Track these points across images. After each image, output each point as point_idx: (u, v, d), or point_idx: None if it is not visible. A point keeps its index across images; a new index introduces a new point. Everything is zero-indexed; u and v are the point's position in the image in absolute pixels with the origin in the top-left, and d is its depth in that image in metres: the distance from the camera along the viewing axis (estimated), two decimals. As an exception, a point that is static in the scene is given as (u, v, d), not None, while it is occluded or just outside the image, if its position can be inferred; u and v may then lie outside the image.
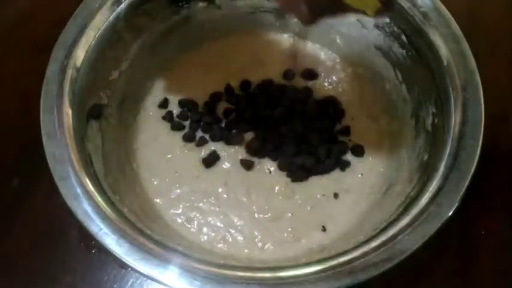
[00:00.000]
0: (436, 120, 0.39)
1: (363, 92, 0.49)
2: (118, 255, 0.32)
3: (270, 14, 0.50)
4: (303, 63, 0.50)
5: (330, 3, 0.35)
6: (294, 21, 0.50)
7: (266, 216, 0.43)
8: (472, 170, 0.35)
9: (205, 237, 0.42)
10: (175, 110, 0.48)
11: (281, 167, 0.45)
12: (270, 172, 0.45)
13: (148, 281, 0.42)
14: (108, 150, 0.41)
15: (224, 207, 0.43)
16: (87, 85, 0.40)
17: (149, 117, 0.48)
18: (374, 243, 0.33)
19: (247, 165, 0.45)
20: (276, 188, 0.44)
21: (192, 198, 0.44)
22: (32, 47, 0.53)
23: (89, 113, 0.40)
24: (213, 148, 0.46)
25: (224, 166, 0.45)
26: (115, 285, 0.42)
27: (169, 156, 0.46)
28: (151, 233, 0.34)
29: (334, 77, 0.50)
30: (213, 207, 0.43)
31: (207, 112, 0.48)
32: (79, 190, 0.34)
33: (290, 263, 0.33)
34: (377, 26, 0.45)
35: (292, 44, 0.52)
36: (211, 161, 0.45)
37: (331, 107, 0.47)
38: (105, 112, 0.42)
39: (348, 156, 0.46)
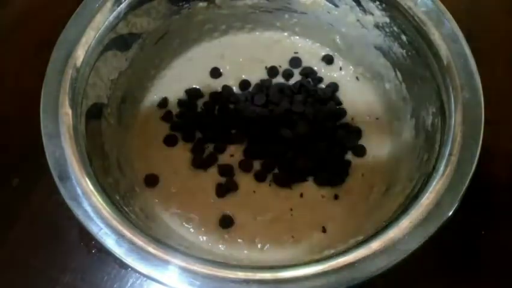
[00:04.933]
0: (436, 120, 0.39)
1: (363, 92, 0.49)
2: (118, 255, 0.32)
3: (270, 14, 0.50)
4: (303, 62, 0.50)
5: None
6: (294, 20, 0.50)
7: (266, 217, 0.43)
8: (472, 170, 0.35)
9: (204, 238, 0.42)
10: (174, 109, 0.48)
11: (281, 168, 0.45)
12: (270, 173, 0.45)
13: (148, 281, 0.42)
14: (108, 150, 0.41)
15: (222, 208, 0.43)
16: (87, 85, 0.40)
17: (148, 117, 0.48)
18: (374, 244, 0.33)
19: (246, 166, 0.45)
20: (276, 188, 0.44)
21: (190, 199, 0.44)
22: (32, 47, 0.53)
23: (89, 113, 0.40)
24: (211, 148, 0.46)
25: (223, 166, 0.45)
26: (115, 285, 0.42)
27: (167, 156, 0.46)
28: (151, 233, 0.34)
29: (334, 77, 0.50)
30: (211, 208, 0.43)
31: (206, 112, 0.48)
32: (79, 190, 0.34)
33: (290, 263, 0.33)
34: (377, 26, 0.45)
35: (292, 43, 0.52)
36: (209, 161, 0.45)
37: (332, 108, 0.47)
38: (105, 112, 0.42)
39: (349, 156, 0.46)
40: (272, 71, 0.50)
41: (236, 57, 0.51)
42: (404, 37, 0.43)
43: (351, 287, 0.32)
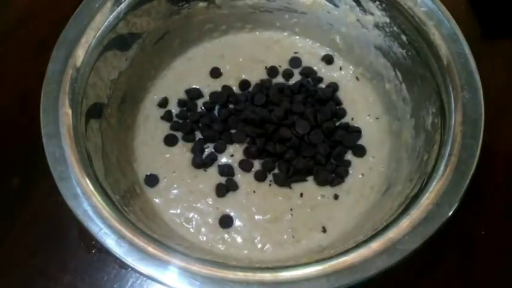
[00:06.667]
0: (436, 120, 0.39)
1: (363, 92, 0.49)
2: (118, 255, 0.32)
3: (270, 14, 0.50)
4: (303, 62, 0.51)
5: None
6: (294, 20, 0.50)
7: (266, 217, 0.43)
8: (472, 170, 0.35)
9: (204, 238, 0.42)
10: (174, 109, 0.48)
11: (281, 168, 0.45)
12: (270, 173, 0.45)
13: (148, 281, 0.42)
14: (108, 150, 0.41)
15: (222, 208, 0.43)
16: (87, 85, 0.40)
17: (148, 117, 0.48)
18: (373, 244, 0.33)
19: (246, 166, 0.45)
20: (276, 188, 0.44)
21: (190, 199, 0.44)
22: (32, 47, 0.53)
23: (89, 113, 0.40)
24: (211, 148, 0.46)
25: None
26: (115, 285, 0.42)
27: (167, 156, 0.46)
28: (151, 233, 0.34)
29: (334, 77, 0.50)
30: (211, 208, 0.43)
31: (206, 112, 0.48)
32: (78, 190, 0.34)
33: (290, 263, 0.33)
34: (377, 26, 0.45)
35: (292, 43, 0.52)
36: (209, 161, 0.45)
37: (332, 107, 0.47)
38: (105, 112, 0.42)
39: (349, 156, 0.46)
40: (272, 71, 0.50)
41: (236, 57, 0.51)
42: (404, 37, 0.43)
43: (351, 287, 0.32)
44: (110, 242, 0.33)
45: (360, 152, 0.46)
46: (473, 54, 0.39)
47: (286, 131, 0.45)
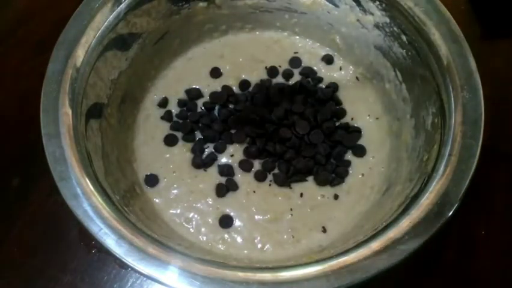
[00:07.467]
0: (436, 120, 0.39)
1: (363, 92, 0.49)
2: (118, 255, 0.32)
3: (270, 14, 0.50)
4: (303, 62, 0.51)
5: None
6: (294, 20, 0.50)
7: (266, 217, 0.43)
8: (472, 170, 0.35)
9: (204, 238, 0.42)
10: (174, 109, 0.48)
11: (281, 168, 0.45)
12: (270, 173, 0.45)
13: (148, 281, 0.42)
14: (108, 150, 0.41)
15: (222, 208, 0.43)
16: (87, 85, 0.40)
17: (148, 117, 0.48)
18: (374, 244, 0.33)
19: (246, 166, 0.45)
20: (276, 188, 0.44)
21: (190, 199, 0.44)
22: (32, 47, 0.53)
23: (89, 113, 0.40)
24: (211, 148, 0.46)
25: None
26: (115, 285, 0.42)
27: (167, 156, 0.46)
28: (151, 233, 0.34)
29: (334, 77, 0.50)
30: (211, 208, 0.43)
31: (206, 112, 0.48)
32: (78, 190, 0.34)
33: (290, 263, 0.33)
34: (377, 26, 0.45)
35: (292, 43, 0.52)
36: (209, 161, 0.45)
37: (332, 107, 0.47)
38: (105, 112, 0.42)
39: (349, 156, 0.46)
40: (272, 71, 0.50)
41: (236, 57, 0.51)
42: (404, 37, 0.43)
43: (351, 287, 0.32)
44: (110, 242, 0.33)
45: (360, 152, 0.46)
46: (473, 54, 0.39)
47: (286, 131, 0.45)
